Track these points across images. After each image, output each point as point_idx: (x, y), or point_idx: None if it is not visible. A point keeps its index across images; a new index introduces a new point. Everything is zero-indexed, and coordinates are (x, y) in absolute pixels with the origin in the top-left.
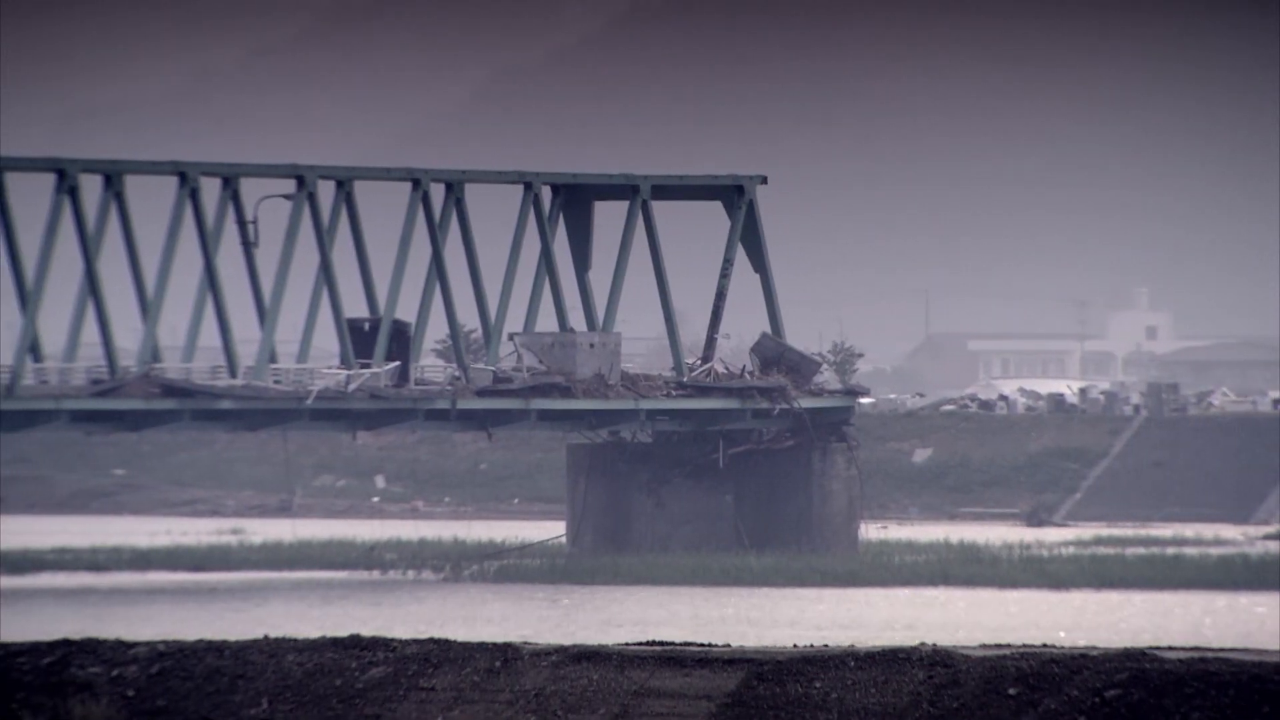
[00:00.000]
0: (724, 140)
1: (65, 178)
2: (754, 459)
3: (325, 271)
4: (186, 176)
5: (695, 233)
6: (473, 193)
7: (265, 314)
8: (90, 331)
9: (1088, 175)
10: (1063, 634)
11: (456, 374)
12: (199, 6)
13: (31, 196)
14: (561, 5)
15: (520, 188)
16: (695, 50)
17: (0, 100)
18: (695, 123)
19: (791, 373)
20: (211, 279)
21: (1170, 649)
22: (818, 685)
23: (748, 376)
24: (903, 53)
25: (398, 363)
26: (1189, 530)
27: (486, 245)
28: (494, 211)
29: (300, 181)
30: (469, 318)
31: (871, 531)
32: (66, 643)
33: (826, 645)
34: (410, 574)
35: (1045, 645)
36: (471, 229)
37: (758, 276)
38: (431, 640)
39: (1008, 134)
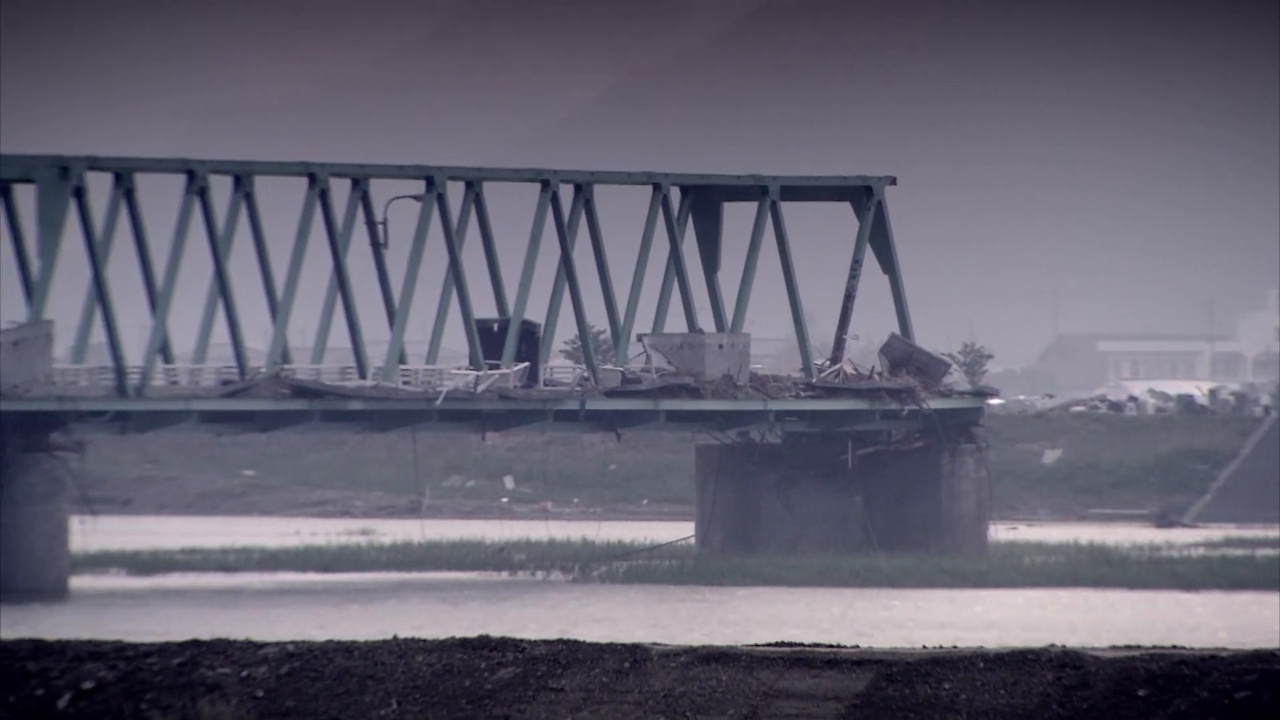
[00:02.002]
0: (852, 141)
1: (195, 179)
2: (883, 460)
3: (454, 272)
4: (316, 177)
5: (824, 233)
6: (601, 194)
7: (394, 315)
8: (220, 332)
9: (1218, 176)
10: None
11: (585, 375)
12: (329, 8)
13: (162, 198)
14: (690, 6)
15: (649, 189)
16: (824, 50)
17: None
18: (824, 123)
19: (920, 374)
20: (341, 280)
21: None
22: (946, 686)
23: (876, 377)
24: (1033, 54)
25: (527, 363)
26: None
27: (615, 246)
28: (622, 212)
29: (430, 182)
30: (598, 318)
31: (1001, 533)
32: (196, 643)
33: (955, 646)
34: (539, 575)
35: (1175, 646)
36: (600, 230)
37: (886, 277)
38: (560, 641)
39: (1138, 135)
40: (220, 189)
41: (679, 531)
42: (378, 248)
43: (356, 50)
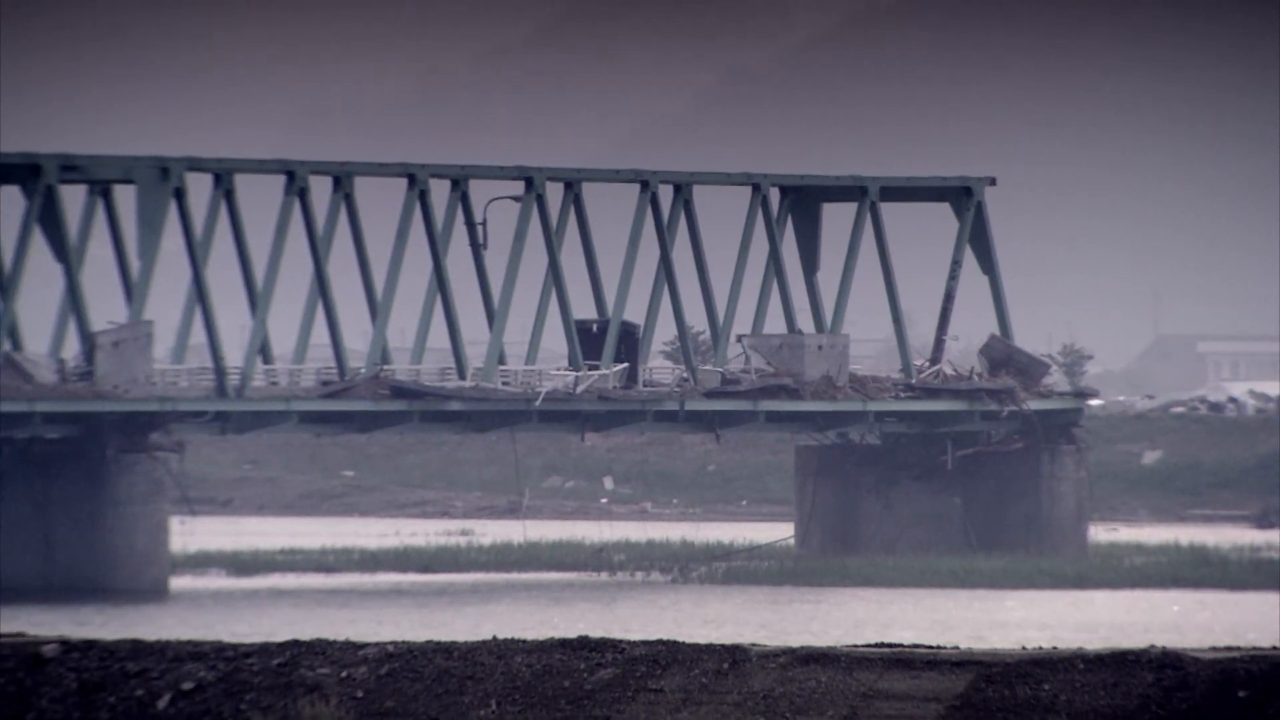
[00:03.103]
0: (951, 141)
1: (295, 180)
2: (982, 461)
3: (553, 273)
4: (415, 178)
5: (923, 234)
6: (701, 194)
7: (494, 316)
8: (320, 333)
9: None
10: None
11: (684, 375)
12: (429, 9)
13: (262, 199)
14: (790, 6)
15: (748, 189)
16: (923, 50)
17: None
18: (922, 123)
19: (1020, 375)
20: (440, 280)
21: None
22: (1046, 688)
23: (976, 378)
24: (1137, 53)
25: (626, 364)
26: None
27: (714, 247)
28: (722, 213)
29: (529, 183)
30: (697, 319)
31: (1100, 534)
32: (296, 644)
33: (1055, 647)
34: (638, 576)
35: (1275, 647)
36: (700, 230)
37: (986, 278)
38: (660, 642)
39: (1238, 134)
40: (320, 190)
41: (778, 532)
42: (477, 248)
43: (456, 51)
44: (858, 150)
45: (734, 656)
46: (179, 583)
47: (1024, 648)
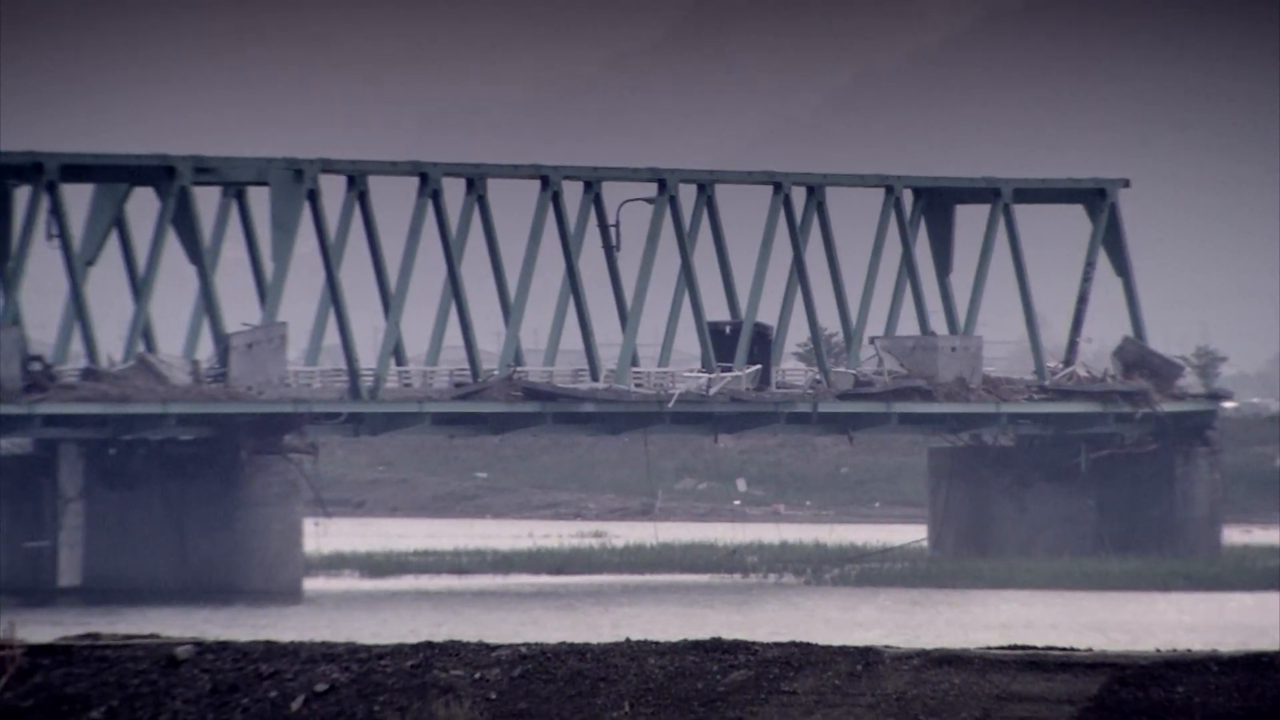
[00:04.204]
0: (1085, 143)
1: (428, 181)
2: (1116, 463)
3: (686, 275)
4: (549, 180)
5: (1055, 235)
6: (833, 195)
7: (627, 317)
8: (453, 335)
9: None
10: None
11: (817, 377)
12: (561, 12)
13: (394, 200)
14: (924, 7)
15: (881, 191)
16: (1057, 51)
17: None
18: (1056, 124)
19: (1154, 377)
20: (573, 282)
21: None
22: (1180, 690)
23: (1109, 380)
24: (1265, 53)
25: (759, 366)
26: None
27: (847, 248)
28: (855, 214)
29: (662, 185)
30: (830, 321)
31: (1234, 536)
32: (429, 645)
33: (1189, 650)
34: (771, 577)
35: None
36: (832, 232)
37: (1119, 280)
38: (793, 643)
39: None
40: (453, 191)
41: (911, 534)
42: (610, 250)
43: (588, 53)
44: (990, 150)
45: (867, 658)
46: (313, 584)
47: (1158, 650)
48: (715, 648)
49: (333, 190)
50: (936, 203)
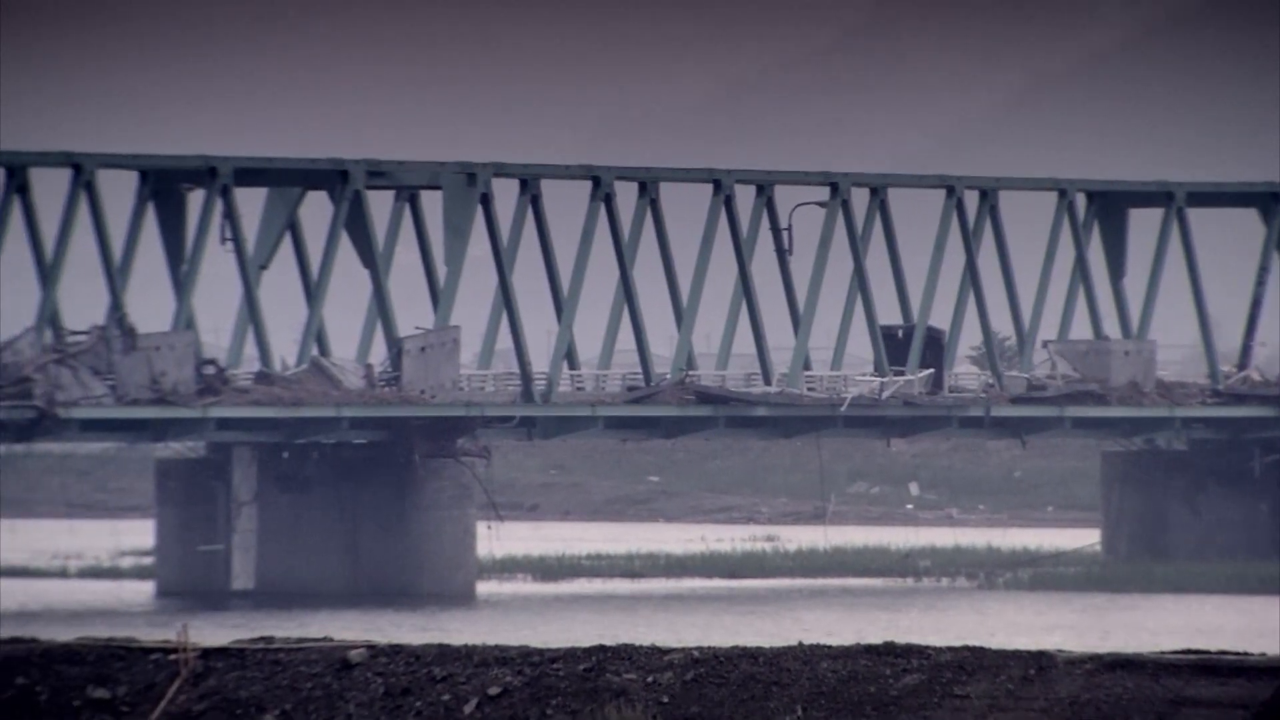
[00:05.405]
0: (1261, 145)
1: (600, 185)
2: None
3: (859, 278)
4: (721, 184)
5: (1229, 238)
6: (1006, 199)
7: (799, 321)
8: (625, 339)
9: None
10: None
11: (990, 381)
12: (735, 14)
13: (566, 204)
14: (1099, 8)
15: (1054, 195)
16: (1233, 53)
17: (536, 108)
18: (1232, 127)
19: None
20: (746, 286)
21: None
22: None
23: None
24: None
25: (932, 370)
26: None
27: (1020, 252)
28: (1028, 218)
29: (834, 188)
30: (1003, 325)
31: None
32: (602, 649)
33: None
34: (944, 581)
35: None
36: (1005, 235)
37: None
38: (966, 647)
39: None
40: (625, 195)
41: (1084, 539)
42: (782, 253)
43: (759, 57)
44: (1162, 152)
45: (1040, 663)
46: (485, 587)
47: None
48: (888, 651)
49: (505, 194)
50: (1110, 206)
